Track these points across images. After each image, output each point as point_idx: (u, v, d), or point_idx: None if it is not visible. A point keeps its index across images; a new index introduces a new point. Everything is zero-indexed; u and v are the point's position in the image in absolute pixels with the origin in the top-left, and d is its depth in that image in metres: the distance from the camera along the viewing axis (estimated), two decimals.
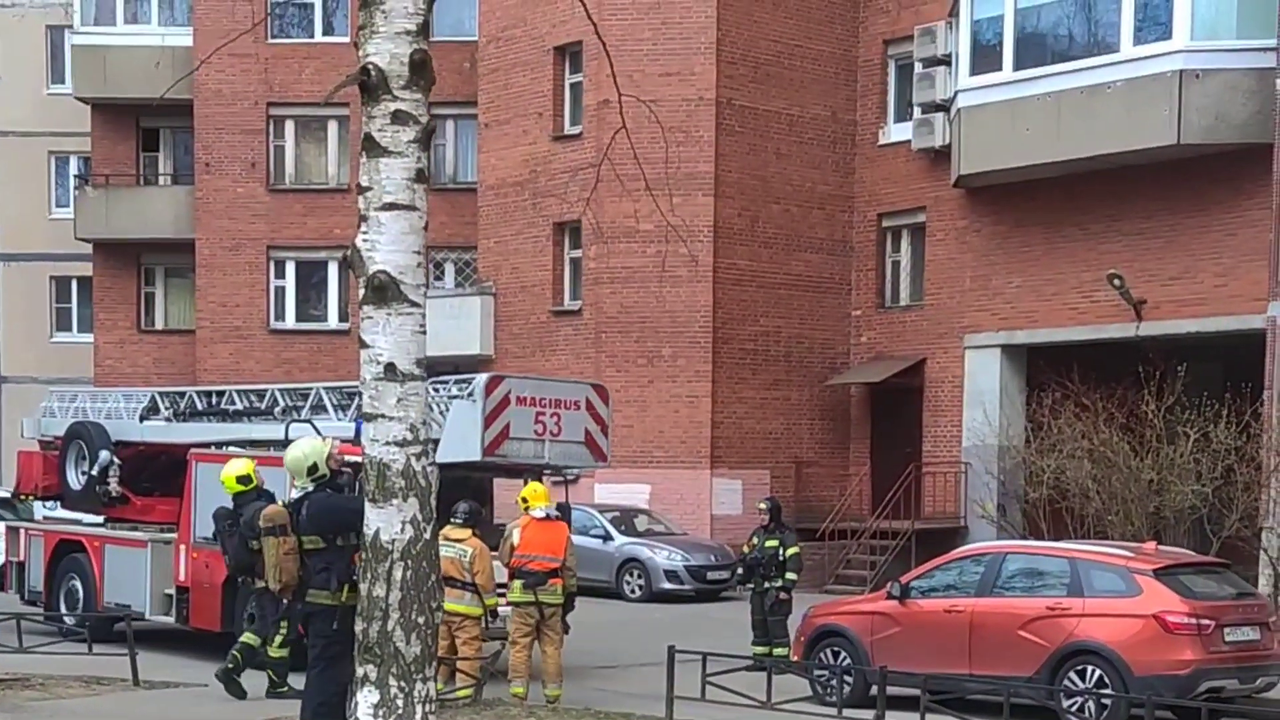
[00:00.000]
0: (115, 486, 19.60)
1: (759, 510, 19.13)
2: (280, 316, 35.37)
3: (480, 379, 16.42)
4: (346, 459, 12.05)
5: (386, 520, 8.19)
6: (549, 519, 15.22)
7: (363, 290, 8.27)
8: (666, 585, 26.14)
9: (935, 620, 15.44)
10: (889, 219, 30.61)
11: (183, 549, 17.86)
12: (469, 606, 14.95)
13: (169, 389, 21.35)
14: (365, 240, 8.23)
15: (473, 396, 16.09)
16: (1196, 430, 20.25)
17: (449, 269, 34.09)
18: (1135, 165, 24.89)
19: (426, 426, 8.38)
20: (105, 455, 19.59)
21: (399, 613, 8.14)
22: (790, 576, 18.18)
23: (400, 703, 8.12)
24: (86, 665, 16.05)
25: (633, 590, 26.43)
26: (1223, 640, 14.23)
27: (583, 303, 29.98)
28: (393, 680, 8.13)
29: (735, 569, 22.22)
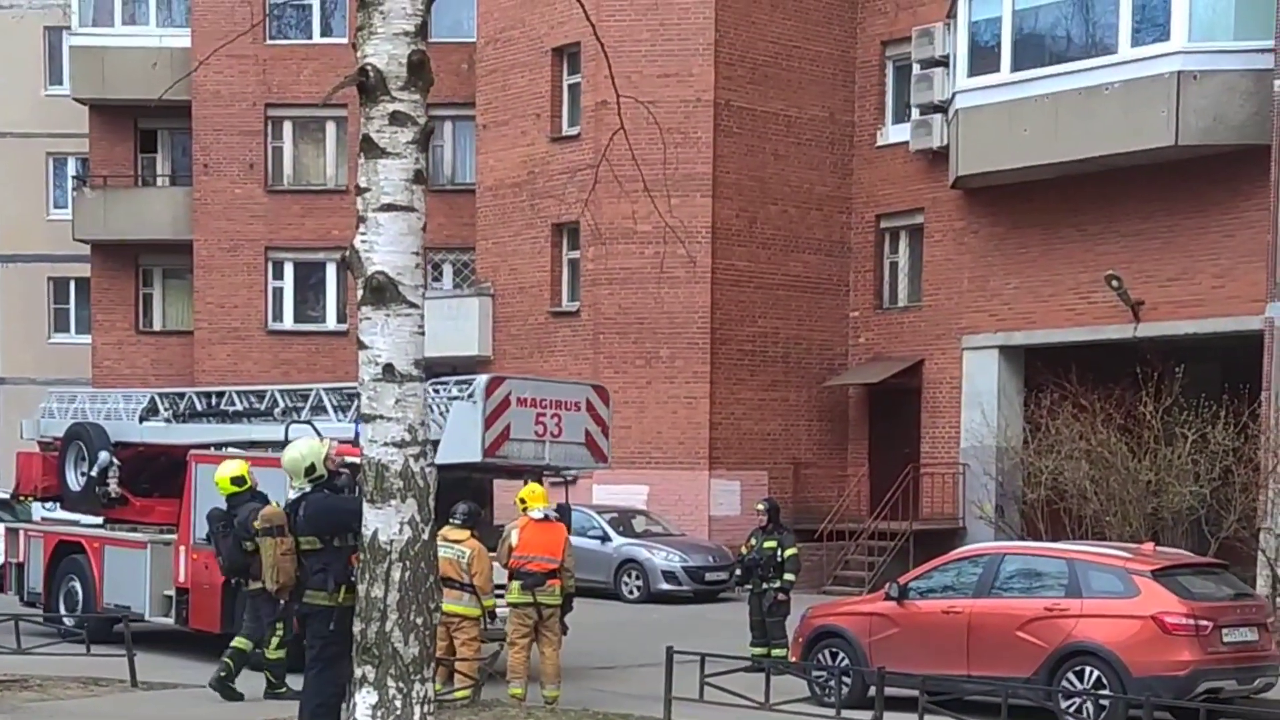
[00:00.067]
0: (115, 487, 19.59)
1: (757, 511, 19.14)
2: (278, 317, 35.36)
3: (481, 380, 16.42)
4: (345, 460, 12.05)
5: (385, 521, 8.19)
6: (547, 520, 15.23)
7: (361, 291, 8.27)
8: (665, 586, 26.14)
9: (933, 621, 15.45)
10: (887, 220, 30.62)
11: (182, 550, 17.84)
12: (467, 607, 14.95)
13: (168, 390, 21.32)
14: (364, 241, 8.23)
15: (473, 397, 16.09)
16: (1194, 431, 20.27)
17: (447, 270, 34.08)
18: (1133, 166, 24.91)
19: (425, 427, 8.37)
20: (105, 456, 19.58)
21: (397, 613, 8.14)
22: (788, 577, 18.19)
23: (398, 704, 8.12)
24: (85, 666, 16.04)
25: (631, 591, 26.43)
26: (1221, 641, 14.24)
27: (581, 304, 29.99)
28: (391, 681, 8.13)
29: (733, 570, 22.24)
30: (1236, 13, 23.72)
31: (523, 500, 15.25)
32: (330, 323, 35.26)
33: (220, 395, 19.62)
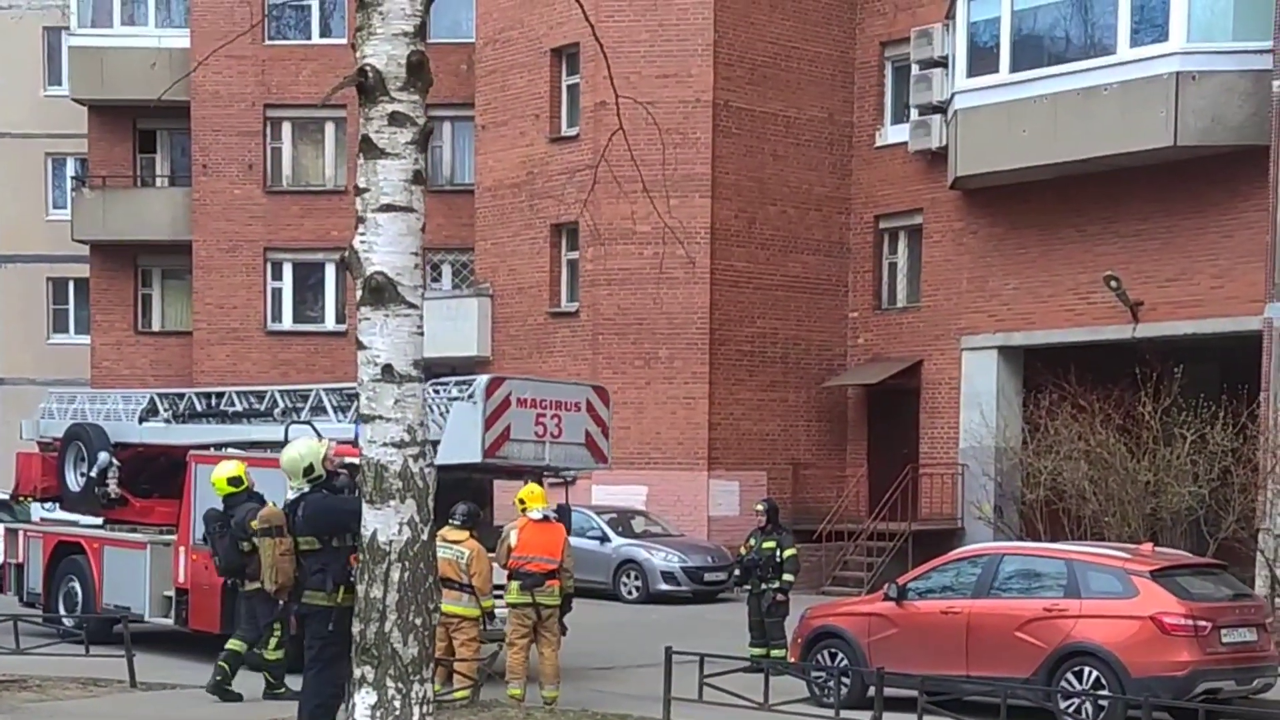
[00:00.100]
0: (114, 488, 19.58)
1: (756, 511, 19.13)
2: (277, 318, 35.35)
3: (481, 380, 16.41)
4: (344, 460, 12.05)
5: (384, 522, 8.20)
6: (546, 520, 15.24)
7: (360, 292, 8.28)
8: (664, 586, 26.14)
9: (932, 621, 15.45)
10: (886, 220, 30.62)
11: (182, 551, 17.82)
12: (466, 608, 14.95)
13: (168, 390, 21.30)
14: (363, 242, 8.24)
15: (473, 398, 16.09)
16: (1193, 432, 20.26)
17: (446, 270, 34.08)
18: (1132, 167, 24.92)
19: (424, 428, 8.38)
20: (104, 457, 19.56)
21: (396, 614, 8.14)
22: (787, 578, 18.19)
23: (397, 704, 8.13)
24: (84, 667, 16.02)
25: (630, 592, 26.43)
26: (1219, 641, 14.24)
27: (580, 304, 29.98)
28: (390, 681, 8.14)
29: (732, 570, 22.23)
30: (1235, 13, 23.73)
31: (522, 501, 15.25)
32: (329, 323, 35.24)
33: (220, 396, 19.59)
